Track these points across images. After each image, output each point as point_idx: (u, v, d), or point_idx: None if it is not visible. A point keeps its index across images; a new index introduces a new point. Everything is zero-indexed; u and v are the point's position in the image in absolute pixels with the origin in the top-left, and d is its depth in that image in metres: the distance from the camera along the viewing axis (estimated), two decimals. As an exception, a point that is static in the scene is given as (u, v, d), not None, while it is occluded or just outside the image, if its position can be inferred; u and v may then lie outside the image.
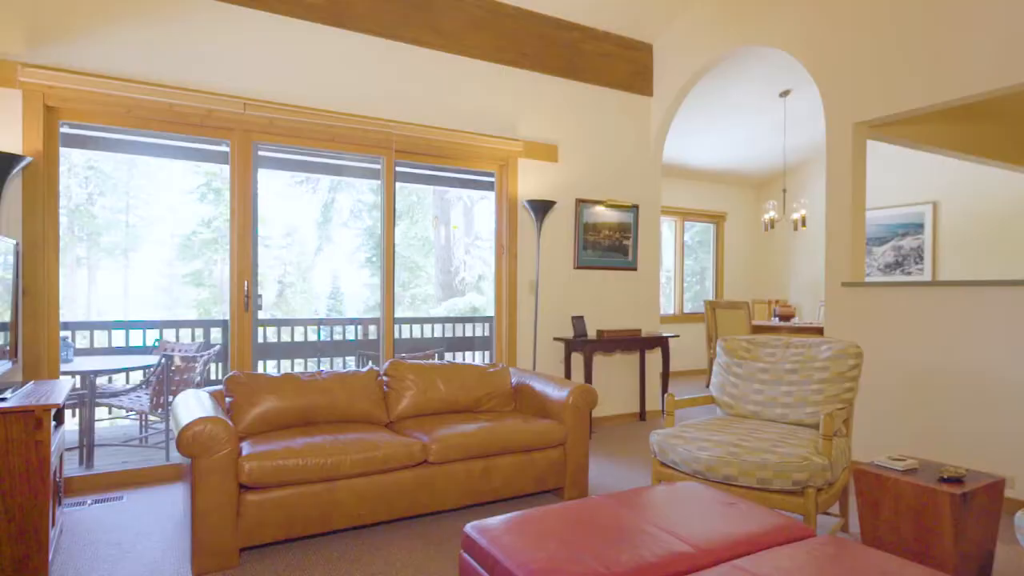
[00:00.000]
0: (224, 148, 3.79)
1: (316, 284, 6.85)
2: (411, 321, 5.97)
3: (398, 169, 4.40)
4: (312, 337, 5.51)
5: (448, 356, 5.65)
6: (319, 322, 5.71)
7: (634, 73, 5.33)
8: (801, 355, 3.09)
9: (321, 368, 5.21)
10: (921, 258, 6.94)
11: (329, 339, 5.59)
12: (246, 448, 2.58)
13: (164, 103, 3.46)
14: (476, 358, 5.86)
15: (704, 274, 8.82)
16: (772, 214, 6.47)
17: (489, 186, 4.84)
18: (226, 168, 3.80)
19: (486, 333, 5.42)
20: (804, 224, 6.43)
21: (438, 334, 5.90)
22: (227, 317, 3.80)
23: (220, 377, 4.82)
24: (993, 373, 3.18)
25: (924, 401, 3.48)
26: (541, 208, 4.58)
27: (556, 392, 3.36)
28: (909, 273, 7.05)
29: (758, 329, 6.76)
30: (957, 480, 2.24)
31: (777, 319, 6.73)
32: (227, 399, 2.95)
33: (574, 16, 4.90)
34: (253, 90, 3.75)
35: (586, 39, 5.04)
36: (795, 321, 6.99)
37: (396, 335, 4.41)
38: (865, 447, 3.78)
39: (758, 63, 5.66)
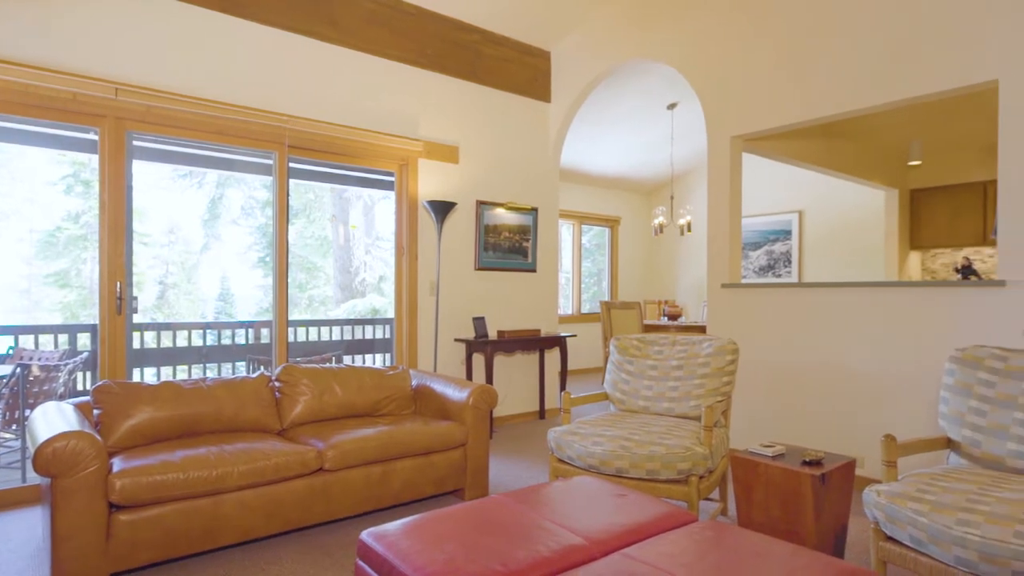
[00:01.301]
0: (93, 136, 3.47)
1: (203, 285, 6.40)
2: (308, 324, 5.74)
3: (293, 166, 4.23)
4: (198, 342, 5.15)
5: (347, 359, 5.49)
6: (205, 326, 5.35)
7: (533, 79, 5.45)
8: (686, 352, 3.30)
9: (207, 375, 4.89)
10: (790, 262, 7.63)
11: (217, 344, 5.25)
12: (117, 464, 2.37)
13: (21, 84, 3.11)
14: (377, 361, 5.74)
15: (601, 276, 9.17)
16: (661, 219, 6.85)
17: (390, 186, 4.76)
18: (96, 158, 3.48)
19: (387, 335, 5.33)
20: (690, 229, 6.87)
21: (337, 337, 5.72)
22: (97, 321, 3.47)
23: (89, 387, 4.39)
24: (848, 365, 3.56)
25: (791, 391, 3.83)
26: (442, 209, 4.57)
27: (456, 393, 3.37)
28: (779, 275, 7.74)
29: (649, 328, 7.13)
30: (817, 463, 2.48)
31: (666, 318, 7.13)
32: (95, 411, 2.70)
33: (474, 19, 4.93)
34: (128, 75, 3.45)
35: (486, 43, 5.09)
36: (682, 320, 7.45)
37: (291, 338, 4.23)
38: (742, 436, 4.10)
39: (649, 76, 5.97)
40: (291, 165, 4.20)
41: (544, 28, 5.26)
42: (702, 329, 6.75)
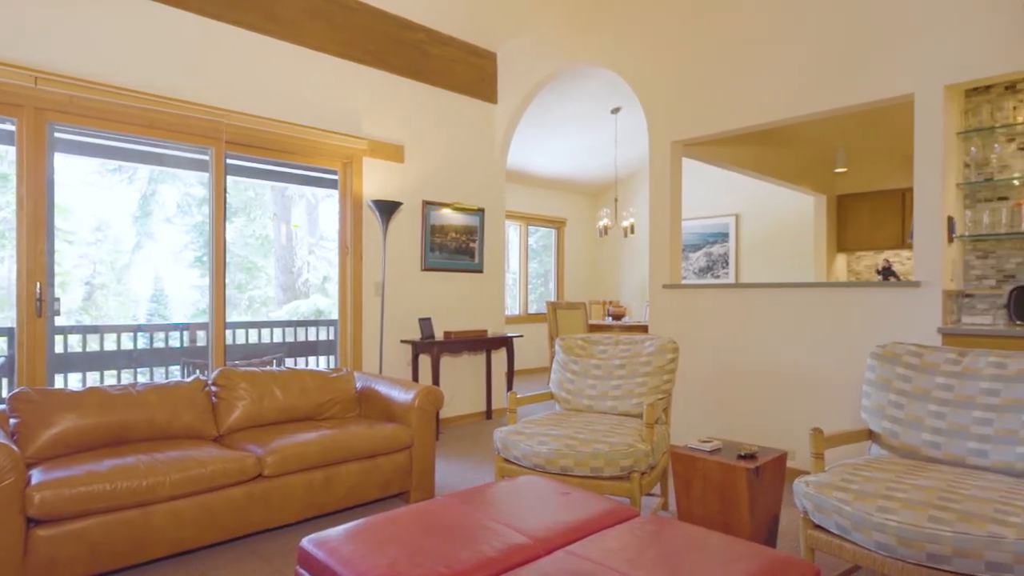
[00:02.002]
0: (10, 127, 3.25)
1: (134, 286, 6.10)
2: (248, 325, 5.55)
3: (232, 162, 4.08)
4: (128, 345, 4.90)
5: (289, 362, 5.34)
6: (137, 328, 5.10)
7: (479, 79, 5.45)
8: (628, 351, 3.38)
9: (139, 380, 4.66)
10: (727, 263, 7.92)
11: (149, 347, 5.01)
12: (37, 476, 2.24)
13: (-76, 69, 2.88)
14: (321, 363, 5.61)
15: (548, 276, 9.26)
16: (606, 221, 6.98)
17: (333, 184, 4.66)
18: (13, 150, 3.26)
19: (331, 337, 5.22)
20: (633, 231, 7.03)
21: (278, 339, 5.55)
22: (14, 324, 3.26)
23: (4, 395, 4.11)
24: (781, 362, 3.73)
25: (728, 388, 3.98)
26: (387, 209, 4.52)
27: (402, 395, 3.34)
28: (718, 276, 8.02)
29: (594, 328, 7.25)
30: (751, 456, 2.59)
31: (610, 318, 7.27)
32: (12, 420, 2.53)
33: (420, 18, 4.90)
34: (50, 62, 3.26)
35: (432, 42, 5.06)
36: (626, 320, 7.61)
37: (230, 341, 4.09)
38: (682, 432, 4.23)
39: (594, 80, 6.08)
40: (229, 162, 4.06)
41: (490, 29, 5.27)
42: (645, 329, 6.91)
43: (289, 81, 4.21)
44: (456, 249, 5.29)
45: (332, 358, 5.03)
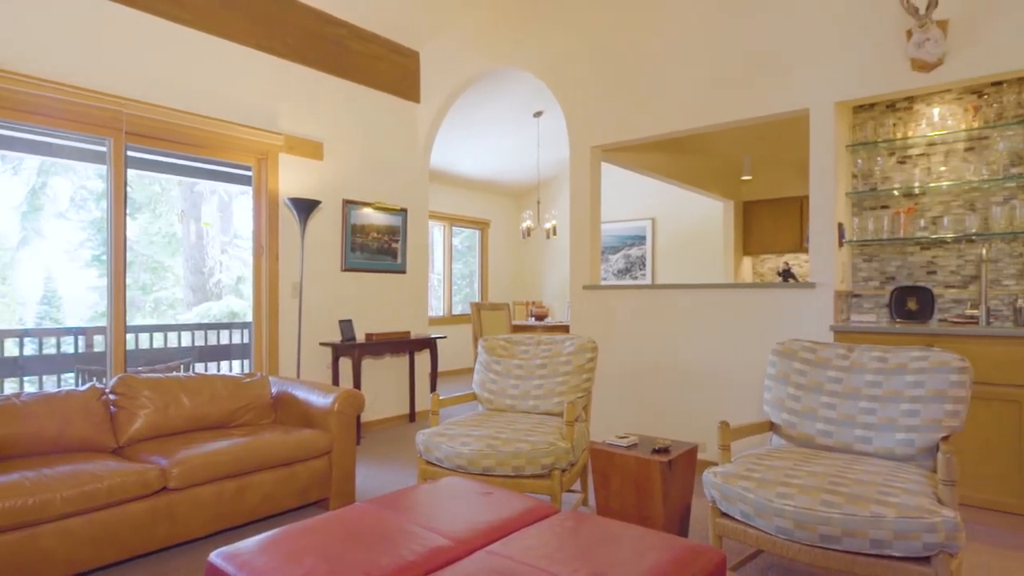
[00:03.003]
0: None
1: (20, 286, 5.58)
2: (152, 329, 5.21)
3: (134, 155, 3.82)
4: (13, 351, 4.48)
5: (200, 367, 5.06)
6: (23, 333, 4.67)
7: (402, 78, 5.39)
8: (549, 351, 3.44)
9: (25, 389, 4.27)
10: (645, 265, 8.23)
11: (38, 353, 4.60)
12: (-99, 500, 2.01)
13: None
14: (234, 368, 5.35)
15: (472, 277, 9.27)
16: (529, 223, 7.08)
17: (248, 180, 4.47)
18: None
19: (245, 340, 4.99)
20: (555, 233, 7.17)
21: (188, 343, 5.25)
22: None
23: None
24: (693, 359, 3.92)
25: (645, 384, 4.13)
26: (305, 207, 4.38)
27: (320, 399, 3.24)
28: (636, 278, 8.32)
29: (517, 328, 7.33)
30: (665, 450, 2.71)
31: (533, 319, 7.37)
32: None
33: (342, 13, 4.78)
34: (-85, 39, 2.93)
35: (353, 38, 4.95)
36: (549, 320, 7.74)
37: (132, 346, 3.83)
38: (601, 429, 4.35)
39: (518, 83, 6.15)
40: (131, 154, 3.80)
41: (413, 28, 5.22)
42: (567, 329, 7.06)
43: (199, 71, 3.99)
44: (378, 249, 5.20)
45: (246, 362, 4.82)
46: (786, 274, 6.42)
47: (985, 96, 3.34)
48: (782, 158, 7.11)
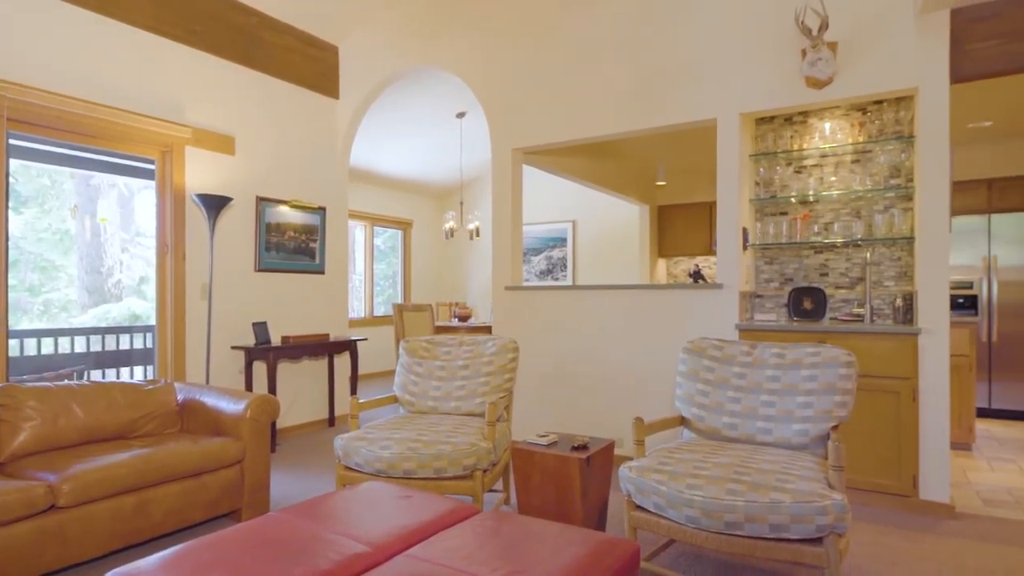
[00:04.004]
0: None
1: None
2: (41, 334, 4.78)
3: (18, 143, 3.50)
4: None
5: (96, 375, 4.69)
6: None
7: (320, 73, 5.23)
8: (472, 352, 3.45)
9: None
10: (566, 266, 8.41)
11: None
12: None
13: None
14: (136, 374, 5.00)
15: (395, 278, 9.13)
16: (452, 224, 7.06)
17: (151, 174, 4.19)
18: None
19: (149, 345, 4.67)
20: (478, 234, 7.18)
21: (82, 349, 4.86)
22: None
23: None
24: (611, 357, 4.04)
25: (566, 383, 4.23)
26: (215, 204, 4.16)
27: (232, 406, 3.10)
28: (558, 279, 8.48)
29: (440, 329, 7.29)
30: (583, 447, 2.78)
31: (457, 320, 7.35)
32: None
33: (252, 1, 4.58)
34: None
35: (266, 28, 4.76)
36: (472, 321, 7.75)
37: (16, 352, 3.51)
38: (523, 428, 4.41)
39: (441, 83, 6.12)
40: (13, 142, 3.48)
41: (330, 21, 5.08)
42: (490, 330, 7.09)
43: (94, 56, 3.71)
44: (295, 249, 5.02)
45: (150, 369, 4.52)
46: (696, 275, 6.74)
47: (868, 113, 3.65)
48: (693, 165, 7.47)
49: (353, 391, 5.30)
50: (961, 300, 5.55)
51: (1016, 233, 5.37)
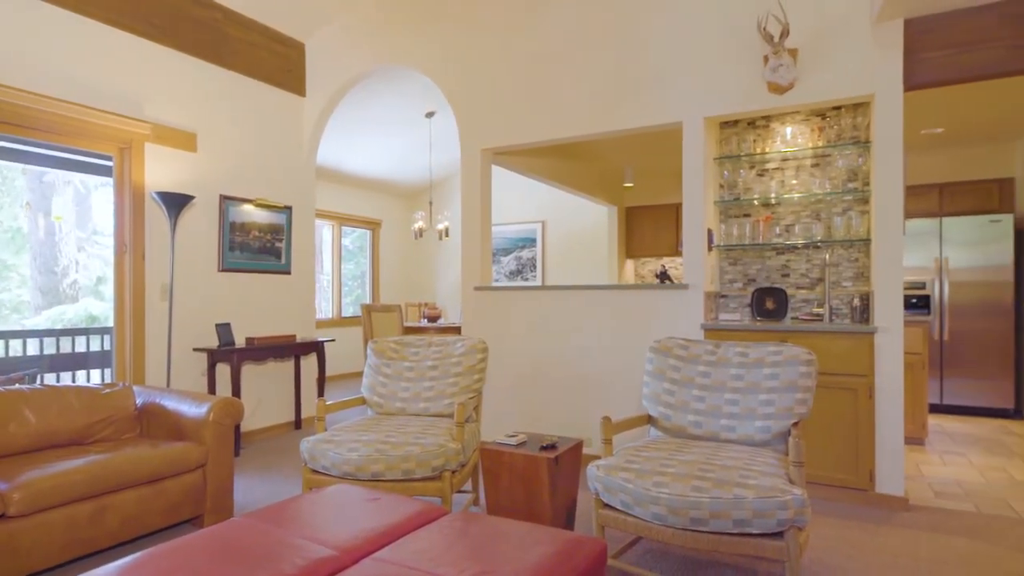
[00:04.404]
0: None
1: None
2: (-11, 336, 4.59)
3: (-39, 138, 3.36)
4: None
5: (51, 378, 4.53)
6: None
7: (286, 70, 5.15)
8: (440, 352, 3.44)
9: None
10: (535, 267, 8.44)
11: None
12: None
13: None
14: (93, 378, 4.84)
15: (363, 278, 9.03)
16: (421, 224, 7.02)
17: (109, 171, 4.07)
18: None
19: (107, 347, 4.53)
20: (448, 234, 7.16)
21: (36, 351, 4.68)
22: None
23: None
24: (580, 357, 4.07)
25: (536, 383, 4.24)
26: (176, 202, 4.06)
27: (194, 409, 3.03)
28: (527, 279, 8.50)
29: (409, 330, 7.24)
30: (552, 447, 2.80)
31: (426, 320, 7.31)
32: None
33: (218, -5, 4.48)
34: None
35: (230, 23, 4.66)
36: (441, 322, 7.71)
37: (-41, 356, 3.35)
38: (492, 428, 4.41)
39: (410, 82, 6.08)
40: (-41, 138, 3.34)
41: (297, 17, 5.00)
42: (459, 330, 7.07)
43: (48, 48, 3.58)
44: (260, 249, 4.93)
45: (108, 372, 4.38)
46: (663, 276, 6.84)
47: (827, 118, 3.76)
48: (660, 168, 7.58)
49: (320, 393, 5.23)
50: (914, 300, 5.76)
51: (966, 236, 5.59)
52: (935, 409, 5.79)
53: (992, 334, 5.49)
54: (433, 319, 7.32)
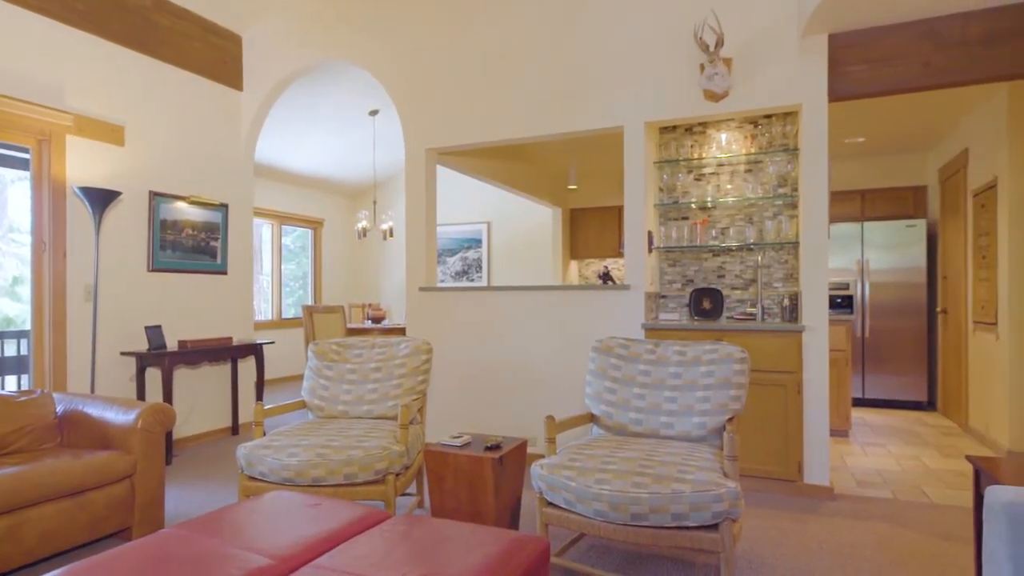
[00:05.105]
0: None
1: None
2: None
3: None
4: None
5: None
6: None
7: (221, 62, 4.96)
8: (384, 354, 3.40)
9: None
10: (481, 267, 8.44)
11: None
12: None
13: None
14: (8, 384, 4.53)
15: (305, 279, 8.80)
16: (364, 223, 6.90)
17: (27, 164, 3.81)
18: None
19: (24, 352, 4.24)
20: (392, 234, 7.07)
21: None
22: None
23: None
24: (526, 357, 4.10)
25: (481, 384, 4.25)
26: (101, 198, 3.85)
27: (121, 416, 2.88)
28: (473, 280, 8.50)
29: (353, 331, 7.11)
30: (496, 447, 2.81)
31: (370, 321, 7.20)
32: None
33: (147, -18, 4.28)
34: None
35: (160, 11, 4.45)
36: (386, 323, 7.61)
37: None
38: (438, 429, 4.39)
39: (353, 79, 5.97)
40: None
41: (233, 8, 4.83)
42: (404, 331, 7.00)
43: (-46, 31, 3.33)
44: (194, 248, 4.73)
45: (25, 378, 4.11)
46: (605, 277, 6.97)
47: (759, 126, 3.93)
48: (603, 171, 7.72)
49: (259, 397, 5.07)
50: (839, 300, 6.09)
51: (885, 239, 5.96)
52: (858, 402, 6.14)
53: (908, 332, 5.87)
54: (377, 320, 7.22)
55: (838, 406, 4.71)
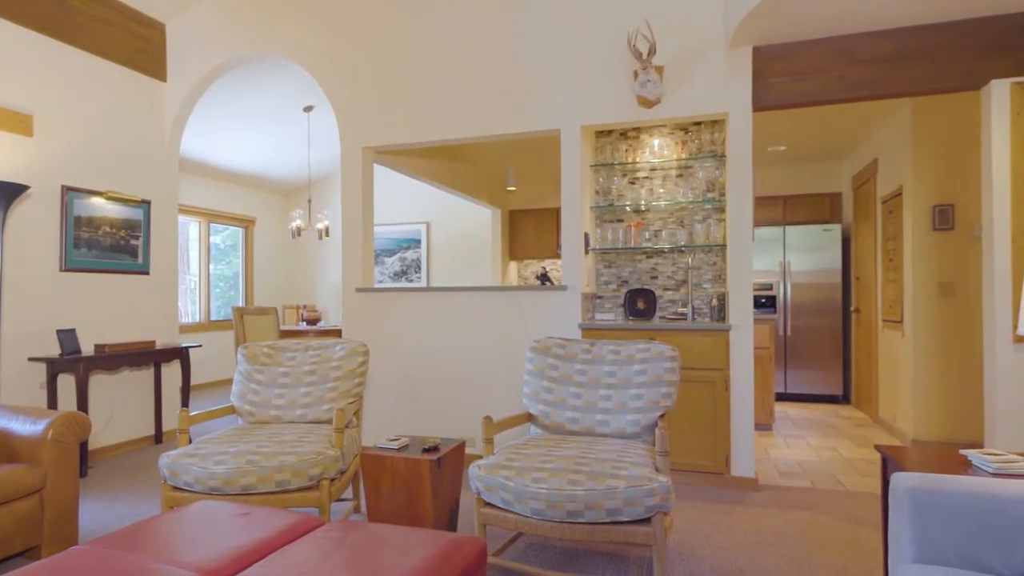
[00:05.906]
0: None
1: None
2: None
3: None
4: None
5: None
6: None
7: (143, 51, 4.71)
8: (319, 356, 3.32)
9: None
10: (420, 268, 8.37)
11: None
12: None
13: None
14: None
15: (236, 279, 8.46)
16: (299, 222, 6.71)
17: (-87, 156, 3.50)
18: None
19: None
20: (328, 234, 6.90)
21: None
22: None
23: None
24: (465, 358, 4.10)
25: (419, 385, 4.21)
26: (6, 192, 3.58)
27: (28, 426, 2.68)
28: (412, 281, 8.41)
29: (287, 334, 6.90)
30: (434, 448, 2.79)
31: (305, 323, 7.01)
32: None
33: (59, -37, 4.01)
34: None
35: (78, -4, 4.19)
36: (322, 324, 7.43)
37: None
38: (376, 432, 4.32)
39: (287, 74, 5.78)
40: None
41: (158, -4, 4.60)
42: (340, 333, 6.85)
43: None
44: (113, 246, 4.47)
45: (-86, 388, 3.76)
46: (543, 278, 7.06)
47: (690, 132, 4.09)
48: (541, 173, 7.81)
49: (184, 403, 4.84)
50: (763, 300, 6.39)
51: (804, 243, 6.30)
52: (780, 397, 6.47)
53: (825, 330, 6.23)
54: (313, 322, 7.03)
55: (762, 401, 4.95)
